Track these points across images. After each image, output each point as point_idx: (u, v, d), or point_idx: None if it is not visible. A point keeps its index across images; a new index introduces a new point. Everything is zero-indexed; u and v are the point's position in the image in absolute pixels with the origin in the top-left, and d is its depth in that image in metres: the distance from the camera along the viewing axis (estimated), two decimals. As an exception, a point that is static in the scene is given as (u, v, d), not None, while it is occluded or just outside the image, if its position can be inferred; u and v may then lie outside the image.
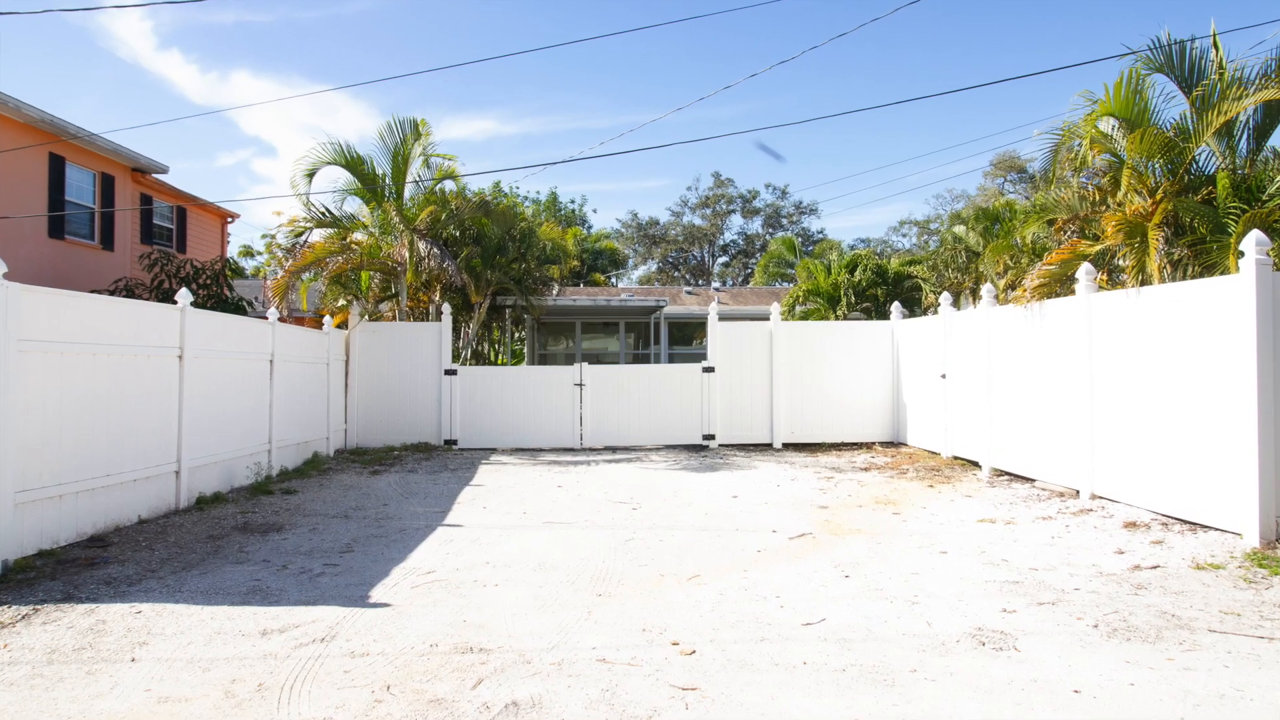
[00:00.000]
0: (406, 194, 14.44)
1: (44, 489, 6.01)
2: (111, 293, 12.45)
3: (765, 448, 13.04)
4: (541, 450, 12.94)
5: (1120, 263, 9.33)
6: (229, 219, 19.65)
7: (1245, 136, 8.19)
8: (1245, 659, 3.88)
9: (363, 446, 12.92)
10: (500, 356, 22.89)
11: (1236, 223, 7.40)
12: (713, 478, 10.12)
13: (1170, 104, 8.37)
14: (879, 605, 4.81)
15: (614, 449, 13.03)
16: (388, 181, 14.06)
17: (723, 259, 51.25)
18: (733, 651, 4.06)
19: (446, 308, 13.48)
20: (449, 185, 15.68)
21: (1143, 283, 8.10)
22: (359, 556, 6.12)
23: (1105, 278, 9.45)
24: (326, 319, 12.62)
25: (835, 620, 4.54)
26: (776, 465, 11.16)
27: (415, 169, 14.45)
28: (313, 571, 5.67)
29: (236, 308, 14.12)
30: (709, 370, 13.28)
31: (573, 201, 43.50)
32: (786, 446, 13.08)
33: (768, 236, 47.73)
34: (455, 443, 13.05)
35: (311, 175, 13.77)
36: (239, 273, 33.85)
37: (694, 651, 4.06)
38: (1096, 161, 9.43)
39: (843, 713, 3.35)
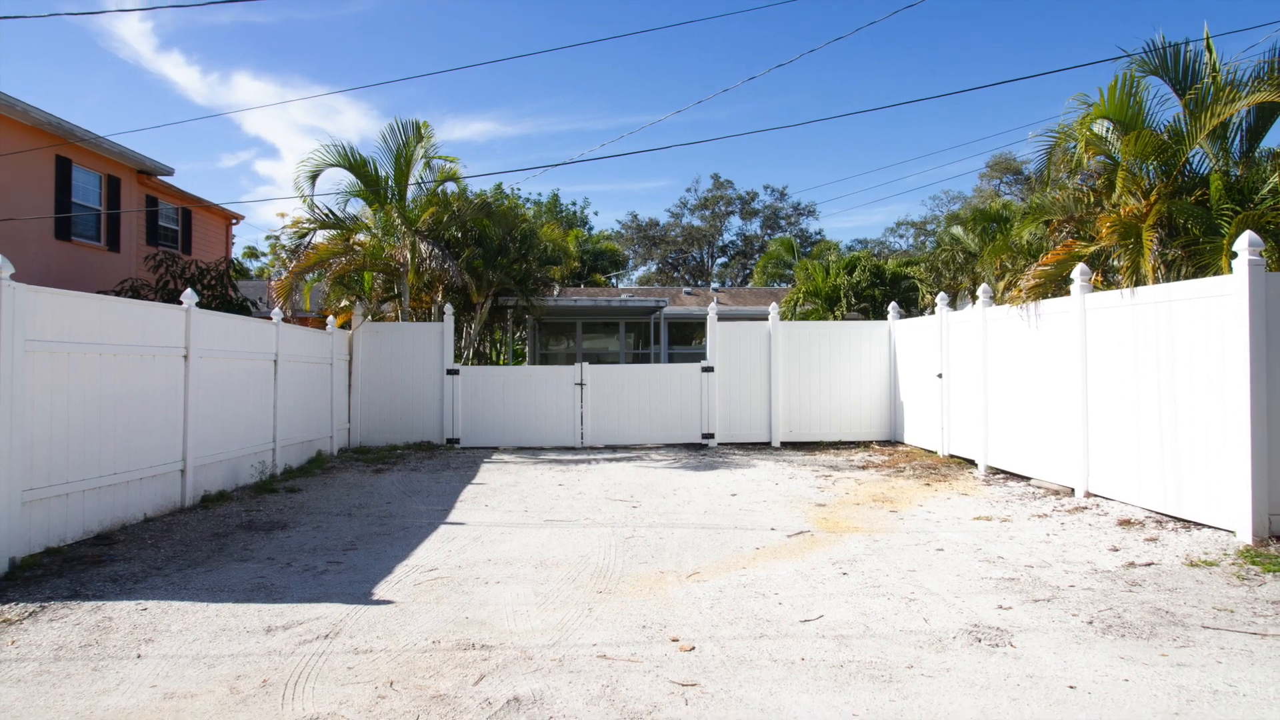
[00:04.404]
0: (409, 195, 14.43)
1: (51, 487, 6.02)
2: (117, 293, 12.44)
3: (764, 446, 13.04)
4: (543, 449, 12.95)
5: (1115, 263, 9.33)
6: (233, 220, 19.65)
7: (1238, 138, 8.19)
8: (1238, 655, 3.88)
9: (366, 445, 12.93)
10: (502, 356, 22.88)
11: (1229, 224, 7.40)
12: (712, 476, 10.12)
13: (1164, 106, 8.37)
14: (876, 602, 4.81)
15: (614, 448, 13.04)
16: (390, 183, 14.06)
17: (722, 260, 51.25)
18: (732, 648, 4.06)
19: (449, 308, 13.48)
20: (451, 187, 15.66)
21: (1137, 283, 8.10)
22: (362, 554, 6.12)
23: (1100, 278, 9.45)
24: (330, 319, 12.62)
25: (833, 617, 4.54)
26: (775, 464, 11.16)
27: (417, 171, 14.45)
28: (316, 569, 5.68)
29: (241, 308, 14.12)
30: (708, 370, 13.28)
31: (574, 203, 43.57)
32: (785, 445, 13.08)
33: (766, 238, 47.72)
34: (457, 442, 13.06)
35: (315, 177, 13.77)
36: (243, 273, 33.83)
37: (693, 648, 4.06)
38: (1091, 163, 9.42)
39: (840, 708, 3.36)
